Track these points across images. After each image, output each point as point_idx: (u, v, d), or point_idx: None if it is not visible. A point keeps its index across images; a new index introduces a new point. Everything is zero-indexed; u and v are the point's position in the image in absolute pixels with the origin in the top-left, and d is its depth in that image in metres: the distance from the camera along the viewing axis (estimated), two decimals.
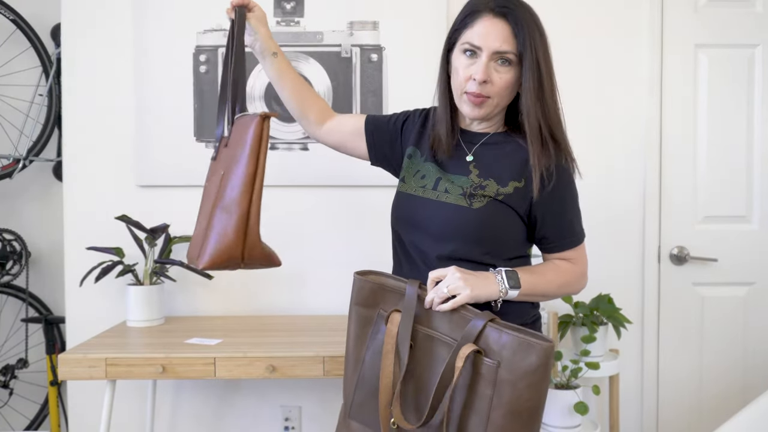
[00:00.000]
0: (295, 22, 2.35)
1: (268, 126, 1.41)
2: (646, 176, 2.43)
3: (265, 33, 1.60)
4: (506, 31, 1.32)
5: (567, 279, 1.42)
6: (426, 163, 1.45)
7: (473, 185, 1.38)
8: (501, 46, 1.32)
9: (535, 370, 1.18)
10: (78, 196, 2.38)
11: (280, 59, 1.62)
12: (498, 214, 1.36)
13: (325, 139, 1.65)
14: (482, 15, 1.34)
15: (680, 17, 2.42)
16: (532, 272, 1.38)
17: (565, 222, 1.41)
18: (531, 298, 1.39)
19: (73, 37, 2.36)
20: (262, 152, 1.40)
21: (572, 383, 2.08)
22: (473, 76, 1.34)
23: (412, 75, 2.35)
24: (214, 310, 2.39)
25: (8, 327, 2.69)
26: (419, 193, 1.43)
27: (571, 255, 1.43)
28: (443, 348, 1.27)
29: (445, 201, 1.38)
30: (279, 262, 1.50)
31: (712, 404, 2.48)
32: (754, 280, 2.48)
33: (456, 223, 1.36)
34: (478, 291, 1.29)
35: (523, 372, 1.18)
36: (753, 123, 2.45)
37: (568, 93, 2.38)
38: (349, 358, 1.40)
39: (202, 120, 2.36)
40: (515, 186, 1.37)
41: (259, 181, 1.41)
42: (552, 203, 1.38)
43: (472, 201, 1.36)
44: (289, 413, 2.40)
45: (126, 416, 2.39)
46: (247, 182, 1.39)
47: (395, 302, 1.35)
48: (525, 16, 1.32)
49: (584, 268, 1.46)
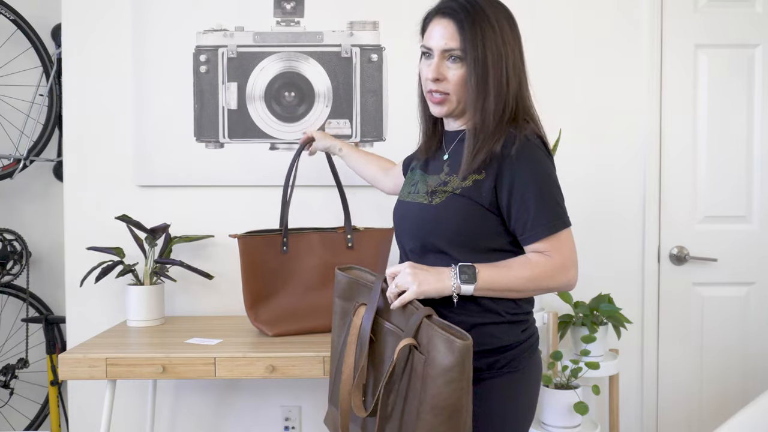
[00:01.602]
0: (295, 22, 2.35)
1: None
2: (646, 176, 2.42)
3: (329, 141, 2.01)
4: (451, 29, 1.37)
5: (538, 272, 1.33)
6: (415, 171, 1.55)
7: (439, 182, 1.43)
8: (447, 44, 1.38)
9: (452, 367, 1.20)
10: (78, 196, 2.38)
11: (346, 152, 2.00)
12: (455, 207, 1.37)
13: (391, 185, 1.92)
14: (432, 18, 1.43)
15: (680, 17, 2.42)
16: (496, 266, 1.34)
17: (530, 211, 1.33)
18: (495, 293, 1.34)
19: (74, 37, 2.36)
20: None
21: (572, 383, 2.08)
22: (427, 76, 1.41)
23: (412, 75, 2.31)
24: (214, 310, 2.39)
25: (9, 327, 2.69)
26: (404, 197, 1.53)
27: (544, 247, 1.34)
28: (396, 341, 1.31)
29: (412, 201, 1.47)
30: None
31: (712, 404, 2.48)
32: (754, 280, 2.48)
33: (419, 220, 1.42)
34: (426, 287, 1.30)
35: (441, 369, 1.20)
36: (753, 123, 2.45)
37: (568, 93, 2.39)
38: (332, 348, 1.48)
39: (202, 120, 2.36)
40: (475, 179, 1.37)
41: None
42: (511, 194, 1.35)
43: (433, 197, 1.41)
44: (289, 413, 2.40)
45: (126, 416, 2.39)
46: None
47: (366, 296, 1.39)
48: (473, 14, 1.35)
49: (564, 260, 1.34)
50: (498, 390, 1.37)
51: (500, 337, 1.37)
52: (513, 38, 1.39)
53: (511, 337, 1.39)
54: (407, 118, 2.31)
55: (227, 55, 2.34)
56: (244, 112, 2.35)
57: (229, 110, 2.35)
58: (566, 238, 1.36)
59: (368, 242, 2.07)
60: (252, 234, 2.03)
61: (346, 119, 2.36)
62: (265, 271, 2.01)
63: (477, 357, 1.31)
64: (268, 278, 2.01)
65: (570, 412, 2.03)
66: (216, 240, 2.36)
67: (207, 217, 2.38)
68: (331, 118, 2.36)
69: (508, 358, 1.38)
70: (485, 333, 1.36)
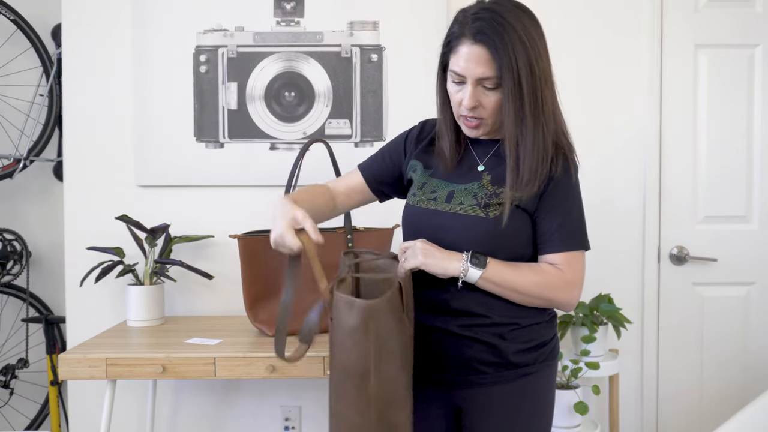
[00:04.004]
0: (295, 22, 2.35)
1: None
2: (646, 176, 2.42)
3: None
4: (485, 57, 1.31)
5: (546, 279, 1.37)
6: (432, 178, 1.47)
7: (488, 193, 1.39)
8: (483, 73, 1.32)
9: (355, 328, 1.23)
10: (78, 196, 2.38)
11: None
12: (514, 219, 1.37)
13: (345, 210, 1.66)
14: (462, 41, 1.33)
15: (680, 17, 2.42)
16: (506, 263, 1.37)
17: (555, 223, 1.38)
18: (498, 289, 1.36)
19: (74, 37, 2.36)
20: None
21: (572, 383, 2.08)
22: (462, 103, 1.36)
23: (412, 75, 2.35)
24: (214, 310, 2.39)
25: (9, 327, 2.69)
26: (431, 206, 1.44)
27: (558, 259, 1.38)
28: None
29: (459, 212, 1.40)
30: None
31: (712, 404, 2.48)
32: (754, 280, 2.47)
33: (472, 233, 1.38)
34: (431, 260, 1.34)
35: (346, 331, 1.24)
36: (753, 123, 2.45)
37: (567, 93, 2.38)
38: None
39: (202, 120, 2.36)
40: (530, 185, 1.38)
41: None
42: (546, 206, 1.38)
43: (488, 210, 1.38)
44: (289, 413, 2.40)
45: (126, 416, 2.39)
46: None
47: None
48: (504, 35, 1.30)
49: (573, 278, 1.38)
50: (542, 380, 1.46)
51: (544, 333, 1.45)
52: (542, 48, 1.36)
53: (549, 333, 1.47)
54: (407, 118, 2.30)
55: (227, 55, 2.34)
56: (244, 112, 2.35)
57: (229, 110, 2.35)
58: (580, 259, 1.41)
59: (368, 242, 2.07)
60: (252, 234, 2.03)
61: (346, 119, 2.36)
62: (265, 271, 2.01)
63: (529, 351, 1.41)
64: (268, 278, 2.01)
65: (570, 412, 2.03)
66: (216, 240, 2.36)
67: (207, 217, 2.38)
68: (331, 118, 2.36)
69: (546, 351, 1.45)
70: (533, 330, 1.43)
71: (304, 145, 2.04)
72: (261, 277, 2.02)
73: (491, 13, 1.31)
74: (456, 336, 1.40)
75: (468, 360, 1.40)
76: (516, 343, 1.40)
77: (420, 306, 1.40)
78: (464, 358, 1.40)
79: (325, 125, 2.36)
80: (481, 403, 1.41)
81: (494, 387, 1.40)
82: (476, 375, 1.40)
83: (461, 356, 1.40)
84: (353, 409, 1.25)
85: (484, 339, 1.39)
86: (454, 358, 1.40)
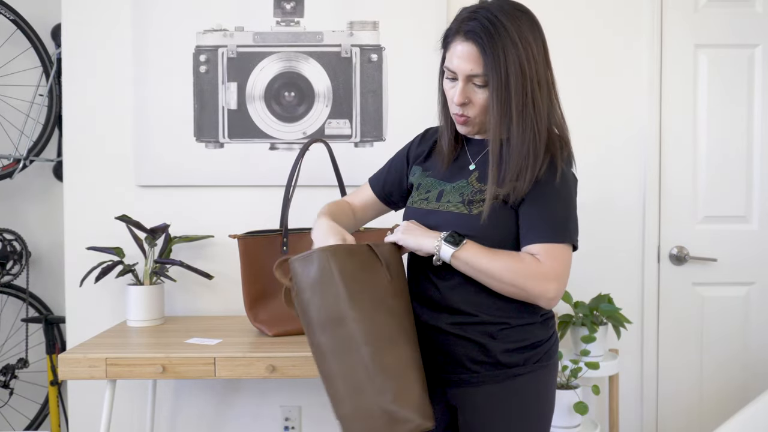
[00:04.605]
0: (295, 22, 2.35)
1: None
2: (645, 176, 2.42)
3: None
4: (474, 54, 1.33)
5: (519, 266, 1.33)
6: (428, 178, 1.51)
7: (473, 190, 1.41)
8: (472, 70, 1.35)
9: (317, 278, 1.27)
10: (78, 196, 2.38)
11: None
12: (498, 215, 1.37)
13: (365, 223, 1.72)
14: (455, 38, 1.37)
15: (680, 17, 2.42)
16: (484, 248, 1.36)
17: (536, 215, 1.36)
18: (472, 271, 1.35)
19: (74, 37, 2.36)
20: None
21: (572, 383, 2.08)
22: (453, 99, 1.39)
23: (412, 75, 2.35)
24: (214, 310, 2.39)
25: (8, 327, 2.69)
26: (423, 206, 1.48)
27: (538, 250, 1.34)
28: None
29: (447, 210, 1.43)
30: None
31: (712, 404, 2.48)
32: (754, 280, 2.48)
33: (456, 229, 1.38)
34: (408, 237, 1.39)
35: (307, 286, 1.28)
36: (753, 123, 2.45)
37: (567, 93, 2.38)
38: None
39: (202, 120, 2.36)
40: (513, 184, 1.38)
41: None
42: (529, 199, 1.37)
43: (471, 207, 1.40)
44: (289, 413, 2.40)
45: (126, 416, 2.39)
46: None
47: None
48: (495, 34, 1.31)
49: (550, 270, 1.33)
50: (535, 384, 1.43)
51: (536, 333, 1.43)
52: (538, 51, 1.35)
53: (544, 333, 1.45)
54: (407, 118, 2.32)
55: (227, 55, 2.34)
56: (244, 112, 2.35)
57: (229, 110, 2.35)
58: (562, 253, 1.36)
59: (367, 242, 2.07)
60: (252, 234, 2.03)
61: (346, 119, 2.36)
62: (265, 271, 2.01)
63: (518, 351, 1.40)
64: (267, 278, 2.00)
65: (570, 412, 2.03)
66: (216, 240, 2.36)
67: (207, 217, 2.38)
68: (331, 118, 2.36)
69: (541, 352, 1.43)
70: (525, 330, 1.41)
71: (304, 145, 2.05)
72: (261, 277, 2.02)
73: (487, 12, 1.33)
74: (446, 333, 1.40)
75: (459, 358, 1.40)
76: (505, 343, 1.39)
77: (415, 300, 1.43)
78: (456, 356, 1.40)
79: (324, 125, 2.36)
80: (473, 403, 1.41)
81: (484, 386, 1.40)
82: (468, 374, 1.40)
83: (453, 354, 1.40)
84: (337, 359, 1.26)
85: (473, 337, 1.39)
86: (447, 356, 1.41)
